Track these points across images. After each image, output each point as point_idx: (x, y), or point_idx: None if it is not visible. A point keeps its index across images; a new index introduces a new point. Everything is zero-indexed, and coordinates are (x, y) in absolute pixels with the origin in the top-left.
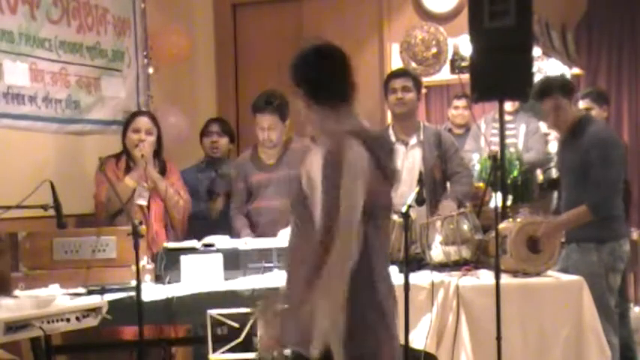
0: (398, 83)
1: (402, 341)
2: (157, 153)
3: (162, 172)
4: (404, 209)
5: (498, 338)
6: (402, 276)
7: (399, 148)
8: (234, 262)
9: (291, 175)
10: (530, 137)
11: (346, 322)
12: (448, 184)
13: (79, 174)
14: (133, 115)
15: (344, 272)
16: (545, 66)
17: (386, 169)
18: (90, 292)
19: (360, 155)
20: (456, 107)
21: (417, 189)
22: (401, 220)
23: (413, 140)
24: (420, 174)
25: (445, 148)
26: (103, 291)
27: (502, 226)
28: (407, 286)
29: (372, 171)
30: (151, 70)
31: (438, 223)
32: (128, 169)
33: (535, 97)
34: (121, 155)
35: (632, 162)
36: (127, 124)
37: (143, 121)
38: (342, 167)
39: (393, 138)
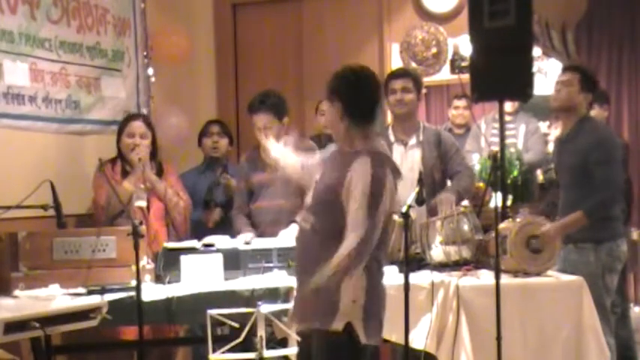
0: (398, 84)
1: (402, 341)
2: (153, 155)
3: (159, 173)
4: (404, 209)
5: (498, 338)
6: (402, 276)
7: (399, 149)
8: (234, 262)
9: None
10: (530, 137)
11: (364, 300)
12: (449, 183)
13: (79, 174)
14: (127, 120)
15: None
16: (545, 66)
17: (395, 188)
18: (90, 292)
19: (391, 184)
20: (456, 107)
21: (416, 189)
22: (401, 220)
23: (412, 140)
24: (420, 174)
25: (445, 148)
26: (103, 291)
27: (502, 226)
28: (407, 286)
29: (393, 193)
30: (151, 71)
31: (438, 223)
32: (124, 173)
33: (562, 68)
34: (116, 159)
35: (633, 162)
36: (120, 128)
37: (137, 125)
38: (383, 194)
39: (392, 138)
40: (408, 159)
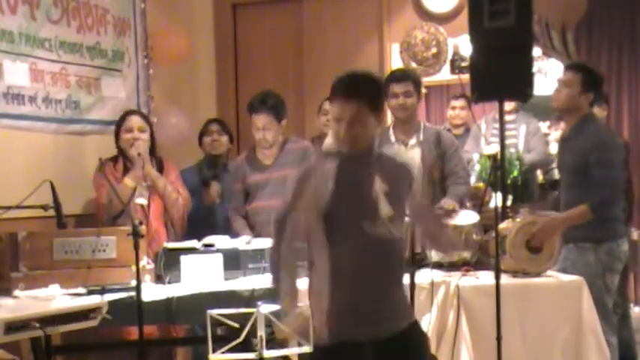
0: (399, 88)
1: None
2: (152, 151)
3: (160, 169)
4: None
5: (498, 338)
6: None
7: (399, 148)
8: (234, 262)
9: (288, 175)
10: (531, 138)
11: None
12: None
13: (79, 174)
14: (124, 116)
15: None
16: (545, 66)
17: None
18: (90, 292)
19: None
20: (453, 107)
21: None
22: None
23: (412, 140)
24: (429, 177)
25: (445, 147)
26: (103, 291)
27: (502, 226)
28: (412, 285)
29: None
30: (151, 71)
31: None
32: (126, 171)
33: (565, 66)
34: (117, 158)
35: (633, 162)
36: (118, 125)
37: (135, 120)
38: None
39: (393, 138)
40: None
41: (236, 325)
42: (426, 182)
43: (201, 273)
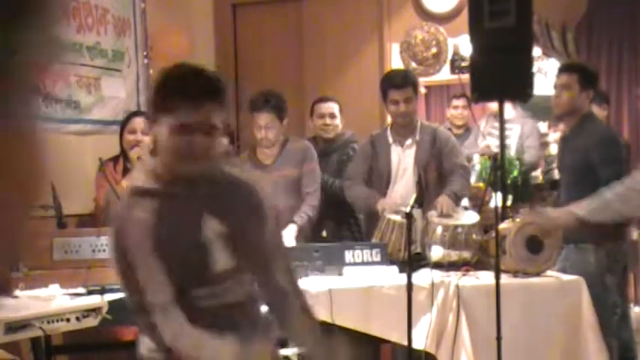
0: (399, 95)
1: (402, 341)
2: None
3: None
4: (407, 209)
5: (498, 338)
6: (402, 276)
7: (396, 149)
8: None
9: (288, 175)
10: (525, 140)
11: None
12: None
13: (79, 174)
14: (129, 117)
15: None
16: (545, 66)
17: None
18: (90, 292)
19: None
20: (455, 107)
21: (416, 192)
22: (402, 220)
23: (409, 141)
24: (419, 176)
25: (440, 145)
26: (103, 291)
27: (502, 226)
28: (410, 286)
29: None
30: (151, 71)
31: (440, 227)
32: (126, 172)
33: (559, 69)
34: (118, 158)
35: (633, 162)
36: (123, 125)
37: (138, 122)
38: None
39: (390, 139)
40: (406, 159)
41: None
42: (419, 184)
43: None
